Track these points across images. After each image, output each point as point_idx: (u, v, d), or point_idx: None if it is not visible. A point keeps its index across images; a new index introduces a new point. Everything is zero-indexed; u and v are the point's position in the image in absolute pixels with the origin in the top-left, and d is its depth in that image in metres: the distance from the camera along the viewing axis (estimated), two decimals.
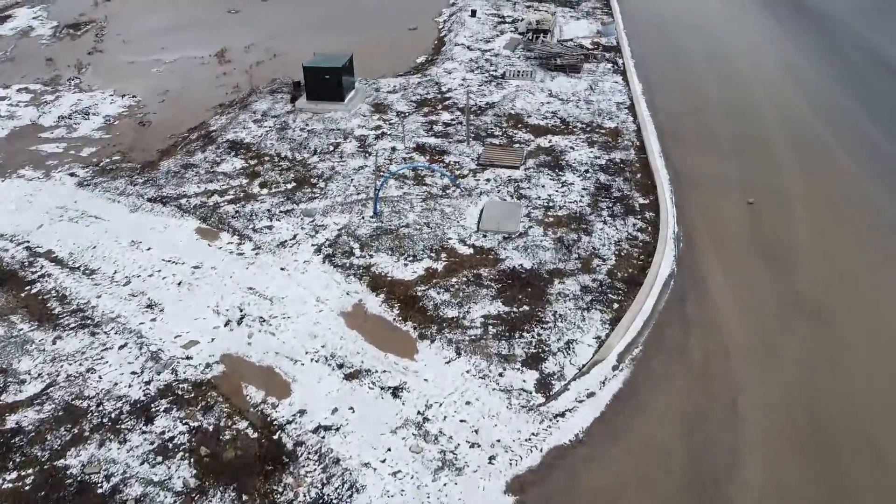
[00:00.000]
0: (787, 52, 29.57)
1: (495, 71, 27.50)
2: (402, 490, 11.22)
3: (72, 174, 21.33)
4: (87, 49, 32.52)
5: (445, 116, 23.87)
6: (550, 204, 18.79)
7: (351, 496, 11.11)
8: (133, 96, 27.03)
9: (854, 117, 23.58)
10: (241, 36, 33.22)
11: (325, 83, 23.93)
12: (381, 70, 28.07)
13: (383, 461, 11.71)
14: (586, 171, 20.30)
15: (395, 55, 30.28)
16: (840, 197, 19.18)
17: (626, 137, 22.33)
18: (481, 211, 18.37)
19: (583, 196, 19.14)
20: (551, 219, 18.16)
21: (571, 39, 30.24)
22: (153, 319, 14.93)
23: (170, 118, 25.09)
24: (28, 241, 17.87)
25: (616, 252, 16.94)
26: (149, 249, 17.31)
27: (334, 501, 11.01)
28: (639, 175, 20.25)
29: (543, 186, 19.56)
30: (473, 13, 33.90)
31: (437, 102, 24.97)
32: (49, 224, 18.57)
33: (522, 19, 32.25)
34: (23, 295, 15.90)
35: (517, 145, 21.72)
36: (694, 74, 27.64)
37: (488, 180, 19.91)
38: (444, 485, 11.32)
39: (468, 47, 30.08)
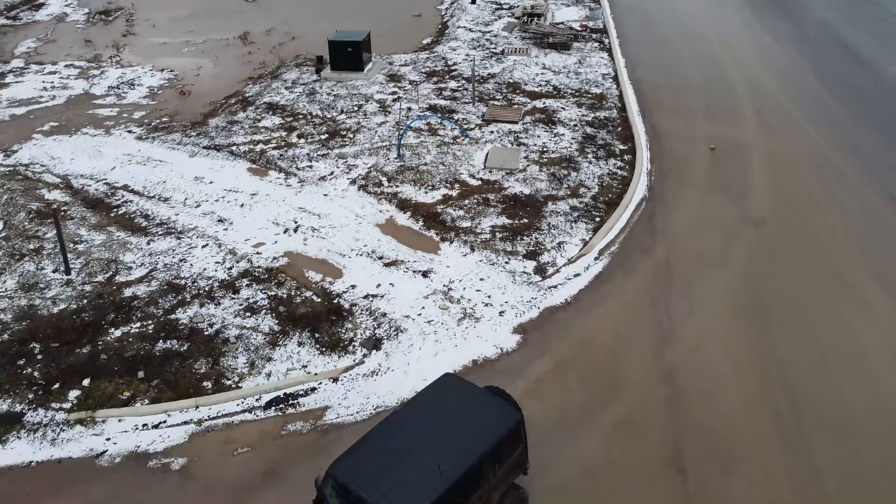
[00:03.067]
0: (758, 34, 33.35)
1: (495, 48, 31.14)
2: (436, 331, 14.82)
3: (129, 131, 24.75)
4: (122, 32, 35.87)
5: (452, 84, 27.48)
6: (545, 149, 22.42)
7: (397, 334, 14.71)
8: (170, 70, 30.41)
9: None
10: (259, 22, 36.57)
11: (348, 55, 27.53)
12: (391, 50, 31.57)
13: (419, 314, 15.31)
14: (575, 126, 23.96)
15: (402, 37, 33.73)
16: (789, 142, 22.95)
17: (609, 101, 26.01)
18: (487, 154, 21.98)
19: (572, 144, 22.79)
20: (546, 160, 21.79)
21: (562, 22, 33.93)
22: (225, 229, 18.46)
23: (207, 88, 28.51)
24: (105, 179, 21.29)
25: (599, 183, 20.60)
26: (211, 183, 20.81)
27: (385, 338, 14.60)
28: (620, 129, 23.93)
29: (539, 136, 23.20)
30: (473, 0, 37.52)
31: (444, 73, 28.58)
32: (120, 167, 21.98)
33: (519, 5, 35.94)
34: (112, 215, 19.36)
35: (516, 106, 25.36)
36: (673, 53, 31.33)
37: (492, 132, 23.54)
38: (466, 328, 14.94)
39: (470, 29, 33.73)
